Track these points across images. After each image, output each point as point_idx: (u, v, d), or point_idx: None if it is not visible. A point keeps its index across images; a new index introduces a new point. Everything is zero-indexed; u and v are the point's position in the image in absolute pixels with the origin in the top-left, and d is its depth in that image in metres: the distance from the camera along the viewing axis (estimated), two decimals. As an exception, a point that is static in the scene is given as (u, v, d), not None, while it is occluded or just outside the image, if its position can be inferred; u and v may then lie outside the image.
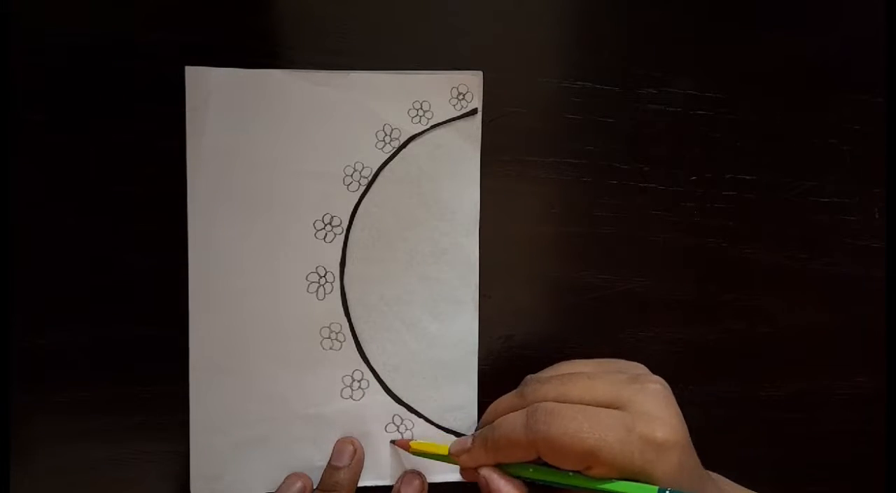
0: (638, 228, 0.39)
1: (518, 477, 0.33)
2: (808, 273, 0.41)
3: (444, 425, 0.38)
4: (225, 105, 0.35)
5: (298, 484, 0.36)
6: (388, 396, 0.38)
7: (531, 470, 0.33)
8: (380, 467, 0.38)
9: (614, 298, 0.39)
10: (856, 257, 0.41)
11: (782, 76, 0.40)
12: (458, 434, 0.38)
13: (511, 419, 0.32)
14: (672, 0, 0.39)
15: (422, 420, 0.38)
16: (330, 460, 0.37)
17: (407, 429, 0.38)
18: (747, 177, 0.40)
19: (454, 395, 0.38)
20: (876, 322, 0.42)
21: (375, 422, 0.38)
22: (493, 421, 0.34)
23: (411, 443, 0.37)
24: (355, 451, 0.37)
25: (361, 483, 0.37)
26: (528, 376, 0.36)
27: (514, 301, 0.39)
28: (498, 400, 0.36)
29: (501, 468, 0.33)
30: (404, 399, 0.38)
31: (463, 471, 0.35)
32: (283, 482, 0.36)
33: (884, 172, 0.41)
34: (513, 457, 0.33)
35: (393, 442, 0.38)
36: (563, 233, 0.39)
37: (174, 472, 0.36)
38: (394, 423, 0.38)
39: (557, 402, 0.32)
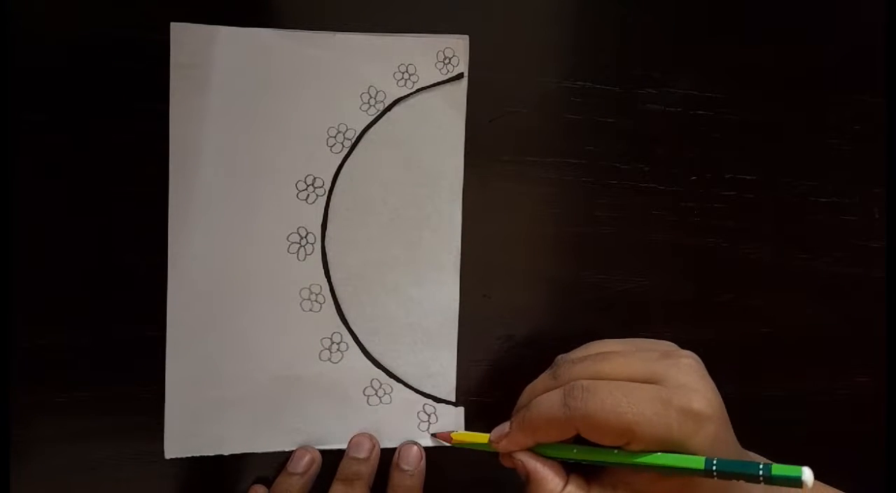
0: (638, 228, 0.39)
1: (561, 459, 0.33)
2: (808, 273, 0.41)
3: (423, 390, 0.38)
4: (210, 63, 0.35)
5: (307, 458, 0.36)
6: (366, 359, 0.37)
7: (575, 451, 0.32)
8: (357, 431, 0.37)
9: (614, 298, 0.39)
10: (856, 257, 0.41)
11: (782, 76, 0.40)
12: (437, 399, 0.38)
13: (548, 398, 0.32)
14: (672, 0, 0.39)
15: (400, 385, 0.38)
16: (348, 452, 0.37)
17: (385, 393, 0.38)
18: (747, 177, 0.40)
19: (434, 360, 0.38)
20: (876, 322, 0.42)
21: (353, 385, 0.37)
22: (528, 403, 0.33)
23: (453, 434, 0.37)
24: (373, 446, 0.37)
25: (338, 446, 0.37)
26: (560, 357, 0.36)
27: (514, 301, 0.39)
28: (532, 383, 0.35)
29: (546, 450, 0.33)
30: (383, 363, 0.37)
31: (503, 457, 0.34)
32: (293, 455, 0.36)
33: (884, 172, 0.41)
34: (551, 436, 0.32)
35: (434, 435, 0.37)
36: (563, 233, 0.39)
37: (174, 472, 0.36)
38: (372, 387, 0.37)
39: (592, 380, 0.32)
